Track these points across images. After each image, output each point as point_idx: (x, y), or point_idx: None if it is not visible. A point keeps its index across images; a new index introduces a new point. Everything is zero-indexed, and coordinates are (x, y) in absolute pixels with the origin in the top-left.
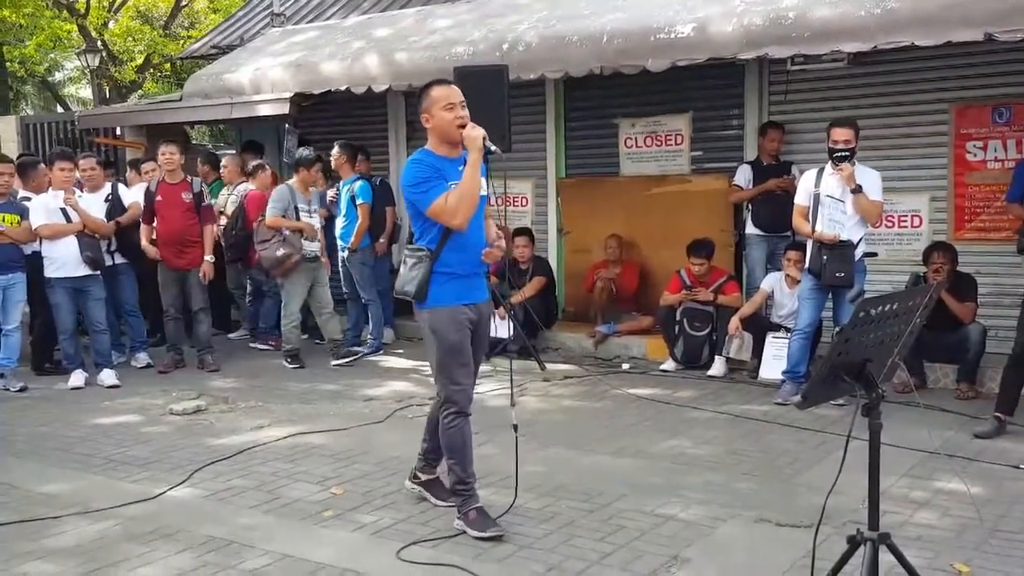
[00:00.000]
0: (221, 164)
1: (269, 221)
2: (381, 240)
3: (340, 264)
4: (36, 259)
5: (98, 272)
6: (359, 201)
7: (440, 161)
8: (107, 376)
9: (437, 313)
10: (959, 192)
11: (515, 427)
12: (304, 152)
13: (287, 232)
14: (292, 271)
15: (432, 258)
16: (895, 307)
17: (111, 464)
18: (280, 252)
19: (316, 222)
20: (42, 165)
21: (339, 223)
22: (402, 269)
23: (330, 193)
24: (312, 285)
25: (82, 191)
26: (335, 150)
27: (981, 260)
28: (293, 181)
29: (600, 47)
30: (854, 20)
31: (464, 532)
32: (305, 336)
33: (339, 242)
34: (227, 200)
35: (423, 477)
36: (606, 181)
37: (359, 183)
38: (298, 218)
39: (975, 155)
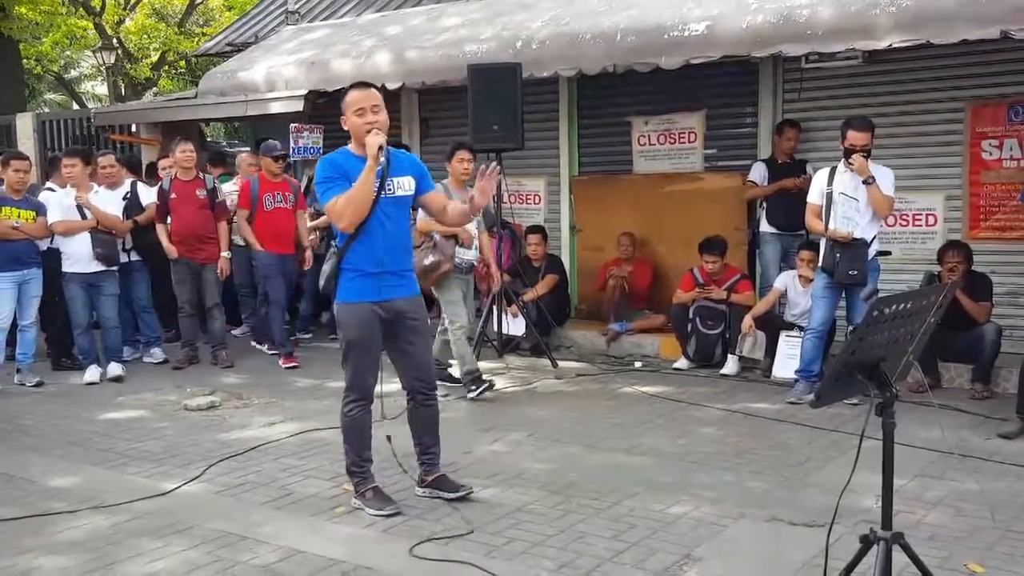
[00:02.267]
0: (237, 159)
1: (420, 226)
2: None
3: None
4: (51, 255)
5: (113, 268)
6: None
7: (351, 161)
8: (112, 368)
9: (342, 308)
10: (974, 191)
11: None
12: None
13: (438, 237)
14: (442, 282)
15: (339, 255)
16: (909, 306)
17: (125, 459)
18: (428, 260)
19: (474, 226)
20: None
21: None
22: (325, 266)
23: None
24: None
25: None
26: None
27: (996, 259)
28: (447, 180)
29: (613, 45)
30: (868, 18)
31: (362, 509)
32: (309, 335)
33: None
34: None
35: (429, 478)
36: (619, 179)
37: None
38: None
39: (990, 154)
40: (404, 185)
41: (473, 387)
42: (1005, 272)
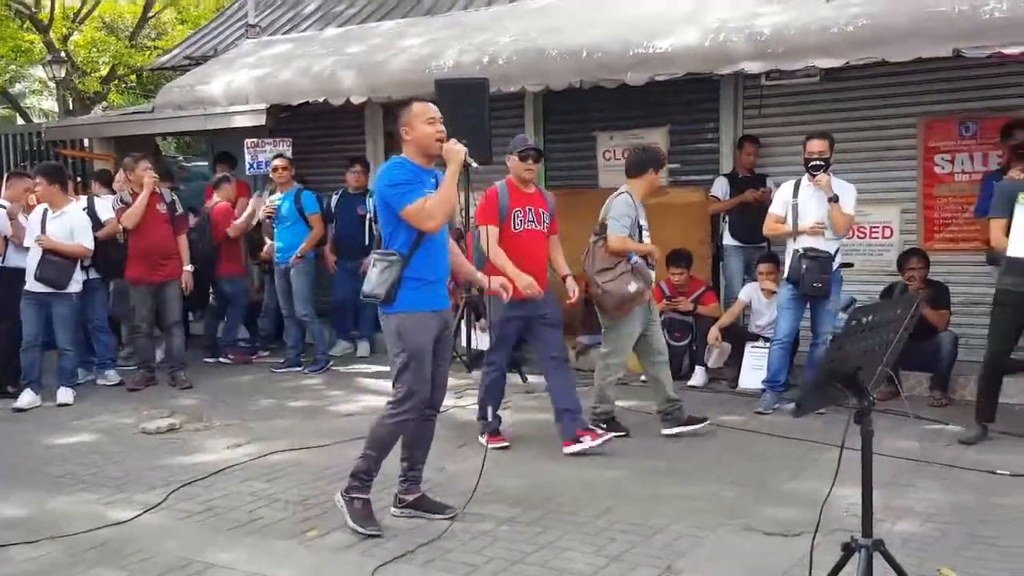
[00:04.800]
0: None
1: (616, 244)
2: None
3: (276, 279)
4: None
5: (67, 292)
6: (310, 213)
7: (417, 169)
8: (61, 394)
9: (406, 318)
10: (928, 204)
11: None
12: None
13: (637, 259)
14: (634, 310)
15: (403, 263)
16: (884, 316)
17: (83, 485)
18: (632, 287)
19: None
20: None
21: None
22: (371, 273)
23: (267, 206)
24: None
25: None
26: (280, 160)
27: (951, 269)
28: (629, 185)
29: (580, 61)
30: (827, 37)
31: (346, 520)
32: (268, 352)
33: (276, 255)
34: None
35: (409, 498)
36: (585, 192)
37: (304, 193)
38: (642, 239)
39: (943, 168)
40: None
41: (603, 426)
42: (959, 282)
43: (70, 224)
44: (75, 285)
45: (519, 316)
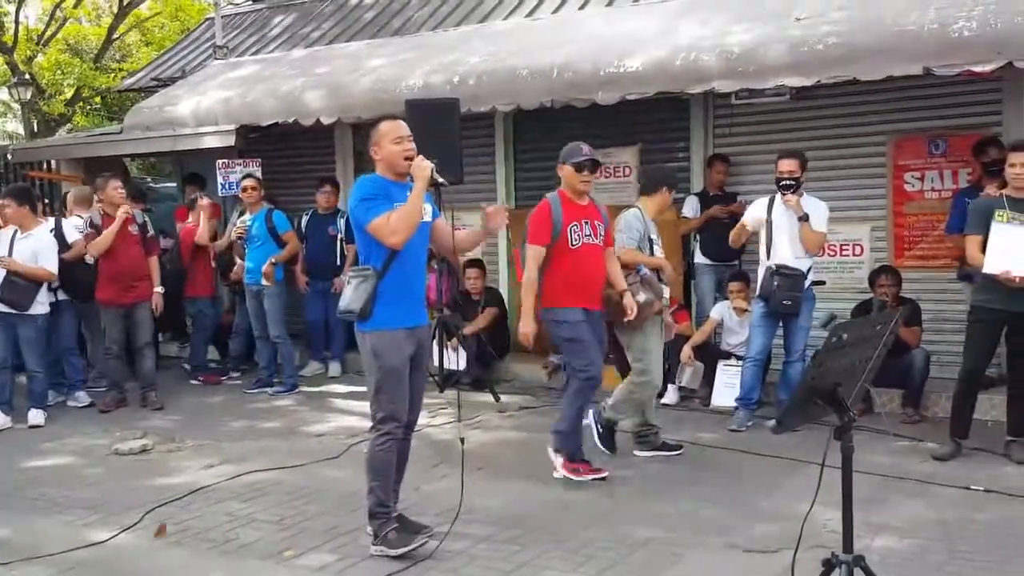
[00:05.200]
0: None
1: (625, 255)
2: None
3: (247, 300)
4: None
5: (32, 314)
6: (283, 231)
7: (389, 184)
8: (31, 415)
9: (382, 336)
10: (898, 221)
11: (462, 440)
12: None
13: (646, 271)
14: (646, 323)
15: (378, 278)
16: (863, 332)
17: (58, 507)
18: (641, 297)
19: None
20: None
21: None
22: (346, 289)
23: (238, 226)
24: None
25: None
26: (249, 181)
27: (920, 287)
28: (642, 202)
29: (551, 81)
30: (798, 55)
31: (385, 556)
32: (238, 374)
33: (246, 275)
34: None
35: None
36: None
37: (275, 213)
38: (652, 252)
39: (913, 185)
40: (427, 210)
41: (602, 443)
42: (929, 299)
43: (35, 247)
44: (39, 307)
45: (582, 320)
